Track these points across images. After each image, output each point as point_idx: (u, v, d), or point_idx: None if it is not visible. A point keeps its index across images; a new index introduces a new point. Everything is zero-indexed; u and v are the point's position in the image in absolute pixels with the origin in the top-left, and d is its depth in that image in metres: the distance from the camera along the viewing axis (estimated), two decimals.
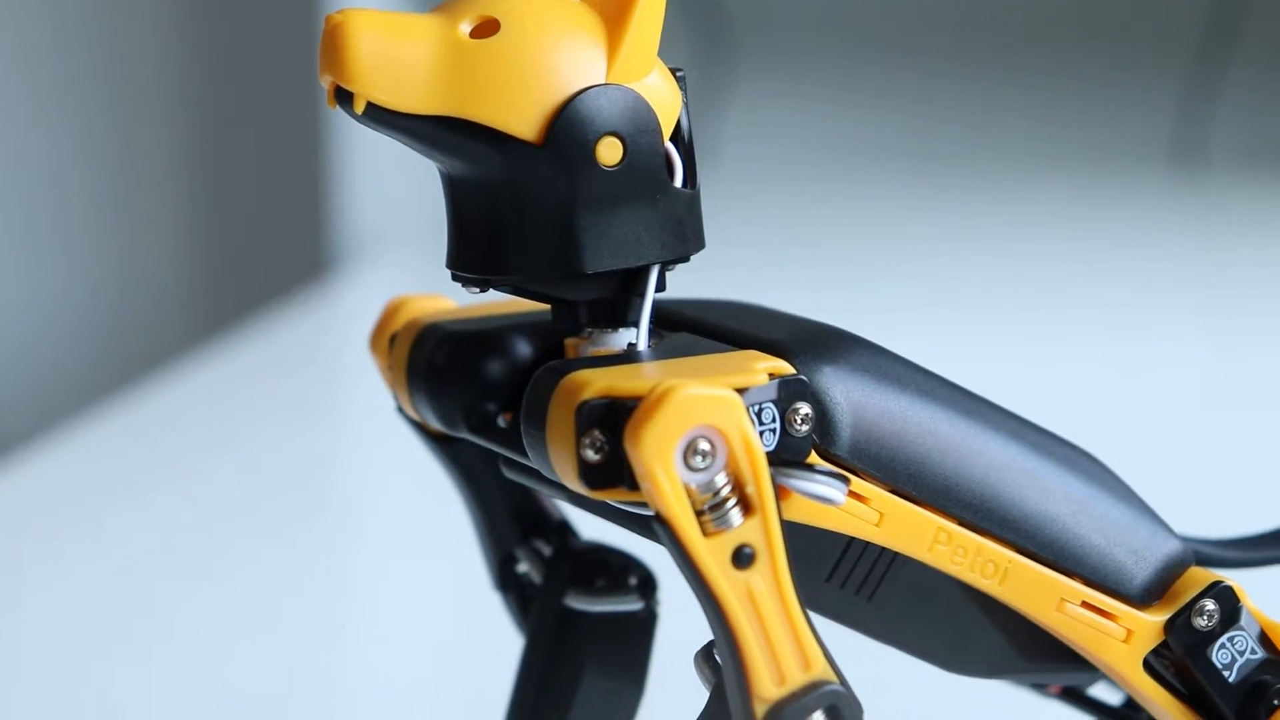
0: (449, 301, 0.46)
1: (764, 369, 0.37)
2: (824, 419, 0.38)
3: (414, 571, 0.80)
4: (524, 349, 0.43)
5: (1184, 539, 0.43)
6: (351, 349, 0.46)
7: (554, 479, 0.37)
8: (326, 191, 1.43)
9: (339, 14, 0.38)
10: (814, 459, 0.38)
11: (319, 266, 1.44)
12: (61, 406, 1.18)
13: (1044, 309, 1.31)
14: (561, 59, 0.38)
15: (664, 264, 0.40)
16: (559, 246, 0.38)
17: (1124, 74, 2.07)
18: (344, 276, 1.41)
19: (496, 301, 0.44)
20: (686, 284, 0.45)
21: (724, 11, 1.98)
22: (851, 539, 0.40)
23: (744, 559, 0.35)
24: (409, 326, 0.44)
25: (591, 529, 0.47)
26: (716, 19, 1.96)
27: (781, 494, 0.36)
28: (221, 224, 1.42)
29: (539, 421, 0.37)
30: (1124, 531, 0.41)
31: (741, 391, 0.36)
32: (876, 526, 0.39)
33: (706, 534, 0.35)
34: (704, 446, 0.35)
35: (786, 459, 0.37)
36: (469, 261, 0.40)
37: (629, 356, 0.39)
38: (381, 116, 0.38)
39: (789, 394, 0.37)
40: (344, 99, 0.38)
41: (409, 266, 1.38)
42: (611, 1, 0.39)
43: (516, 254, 0.39)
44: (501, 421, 0.43)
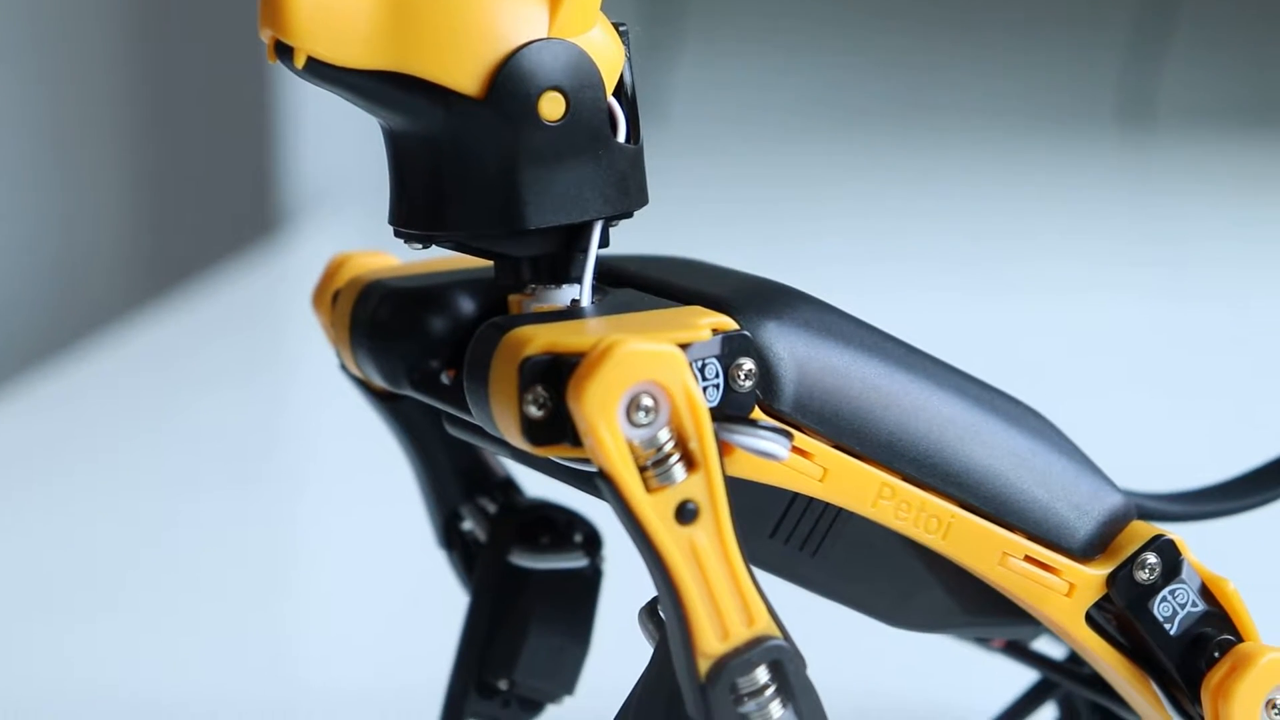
0: (392, 258, 0.46)
1: (707, 325, 0.37)
2: (767, 374, 0.38)
3: (360, 530, 0.80)
4: (467, 305, 0.43)
5: (1126, 493, 0.43)
6: (299, 308, 0.46)
7: (497, 435, 0.37)
8: (273, 149, 1.42)
9: None
10: (757, 414, 0.38)
11: (266, 225, 1.43)
12: (5, 367, 1.18)
13: (989, 265, 1.32)
14: (503, 13, 0.38)
15: (607, 220, 0.39)
16: (501, 202, 0.38)
17: (1070, 30, 2.08)
18: (291, 234, 1.40)
19: (440, 258, 0.44)
20: (633, 240, 0.44)
21: None
22: (795, 494, 0.40)
23: (687, 514, 0.35)
24: (352, 283, 0.44)
25: (536, 486, 0.47)
26: None
27: (725, 450, 0.36)
28: (167, 182, 1.41)
29: (482, 378, 0.37)
30: (1066, 486, 0.42)
31: (685, 347, 0.36)
32: (820, 482, 0.39)
33: (650, 489, 0.35)
34: (647, 402, 0.35)
35: (730, 414, 0.37)
36: (411, 217, 0.40)
37: (572, 313, 0.39)
38: (322, 71, 0.38)
39: (732, 350, 0.37)
40: (284, 54, 0.37)
41: (357, 224, 1.37)
42: None
43: (459, 210, 0.39)
44: (445, 378, 0.42)
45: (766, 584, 0.37)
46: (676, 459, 0.35)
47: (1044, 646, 0.49)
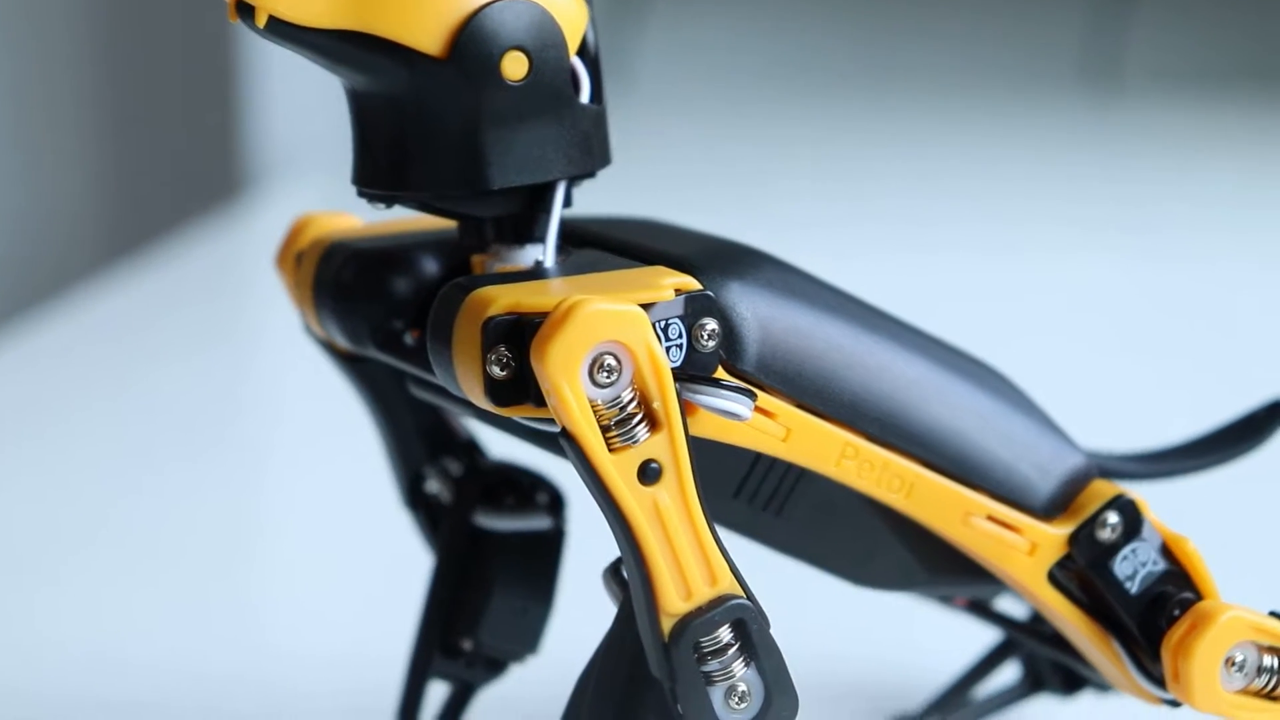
0: (356, 219, 0.46)
1: (670, 285, 0.37)
2: (731, 335, 0.38)
3: (325, 493, 0.79)
4: (431, 266, 0.43)
5: (1088, 453, 0.43)
6: (264, 271, 0.46)
7: (461, 396, 0.37)
8: (237, 110, 1.42)
9: None
10: (721, 374, 0.38)
11: (230, 187, 1.42)
12: None
13: (952, 227, 1.32)
14: None
15: (570, 180, 0.39)
16: (464, 162, 0.38)
17: None
18: (256, 197, 1.40)
19: (404, 219, 0.44)
20: (600, 202, 0.44)
21: None
22: (759, 454, 0.40)
23: (650, 474, 0.35)
24: (315, 244, 0.44)
25: (500, 448, 0.47)
26: None
27: (688, 409, 0.36)
28: (129, 145, 1.40)
29: (445, 338, 0.37)
30: (1028, 446, 0.42)
31: (647, 307, 0.36)
32: (783, 442, 0.39)
33: (612, 449, 0.35)
34: (610, 362, 0.35)
35: (693, 374, 0.37)
36: (375, 178, 0.39)
37: (535, 273, 0.39)
38: (284, 30, 0.37)
39: (695, 310, 0.37)
40: (245, 13, 0.37)
41: (322, 187, 1.37)
42: None
43: (422, 170, 0.39)
44: (408, 339, 0.42)
45: (731, 544, 0.37)
46: (639, 419, 0.35)
47: (1007, 606, 0.49)
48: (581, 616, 0.46)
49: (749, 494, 0.41)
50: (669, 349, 0.36)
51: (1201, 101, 1.80)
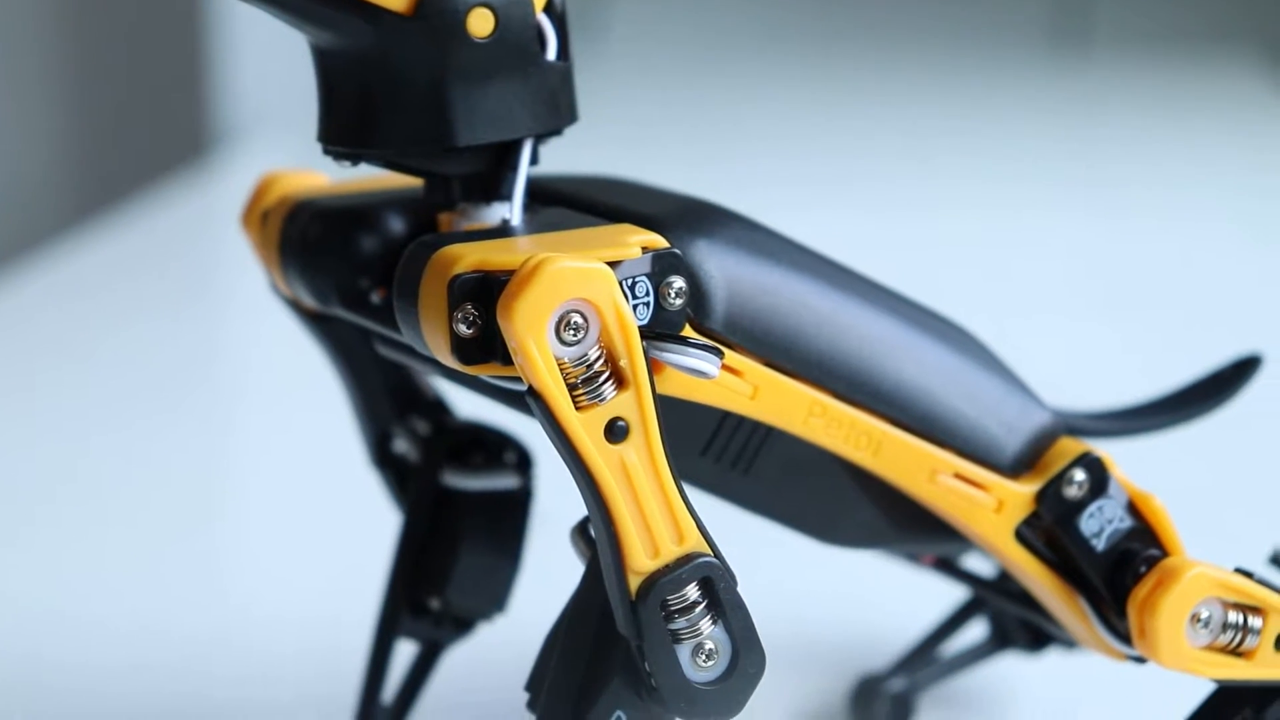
0: (322, 177, 0.45)
1: (638, 243, 0.37)
2: (698, 292, 0.38)
3: (293, 451, 0.79)
4: (397, 224, 0.42)
5: (1055, 411, 0.43)
6: (233, 230, 0.46)
7: (427, 355, 0.37)
8: (206, 69, 1.41)
9: None
10: (688, 332, 0.38)
11: (200, 146, 1.41)
12: None
13: (922, 186, 1.32)
14: None
15: (537, 137, 0.39)
16: (430, 119, 0.38)
17: None
18: (225, 156, 1.39)
19: (370, 177, 0.44)
20: (571, 161, 0.44)
21: None
22: (726, 413, 0.40)
23: (617, 432, 0.35)
24: (281, 202, 0.44)
25: (468, 407, 0.47)
26: None
27: (655, 368, 0.36)
28: (97, 104, 1.40)
29: (411, 296, 0.37)
30: (995, 404, 0.42)
31: (614, 265, 0.36)
32: (751, 400, 0.39)
33: (579, 407, 0.35)
34: (577, 320, 0.35)
35: (660, 332, 0.37)
36: (341, 135, 0.39)
37: (502, 231, 0.39)
38: None
39: (662, 267, 0.37)
40: None
41: (292, 145, 1.36)
42: None
43: (388, 127, 0.38)
44: (375, 298, 0.42)
45: (699, 503, 0.37)
46: (606, 377, 0.35)
47: (974, 564, 0.49)
48: (549, 575, 0.46)
49: (716, 452, 0.41)
50: (636, 307, 0.36)
51: (1170, 62, 1.80)
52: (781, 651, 0.40)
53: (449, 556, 0.46)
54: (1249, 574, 0.42)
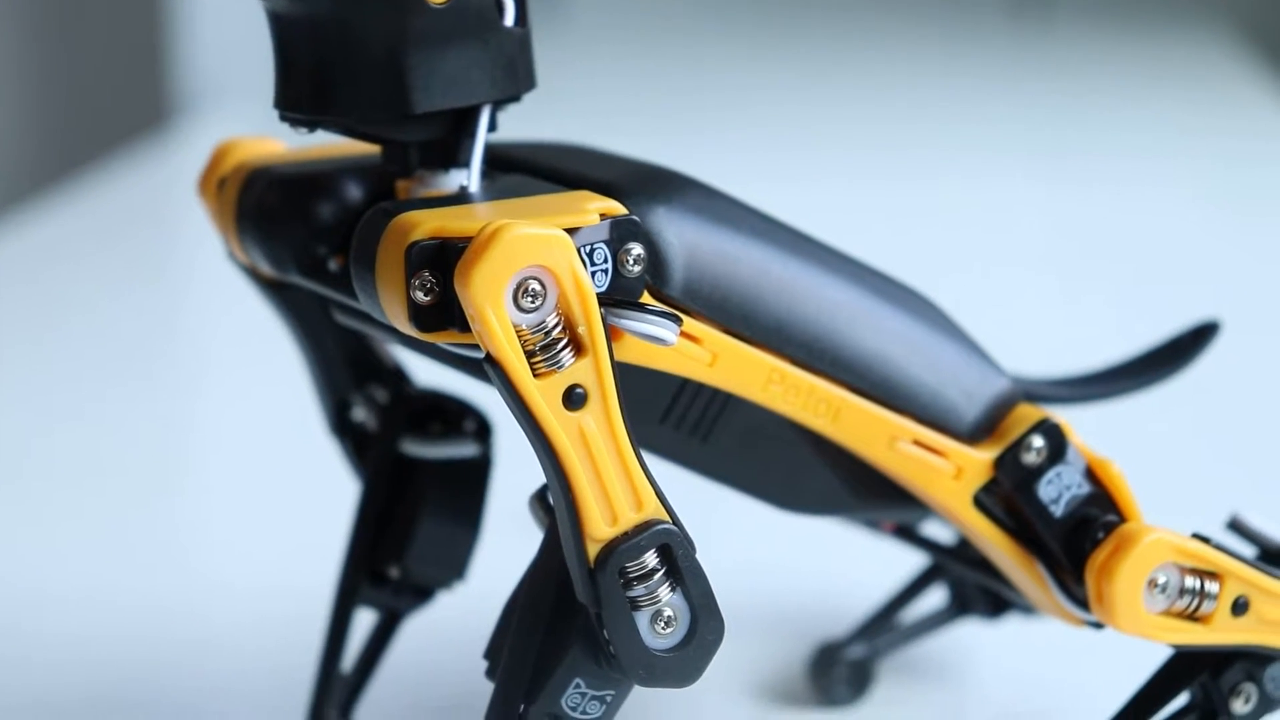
0: (280, 144, 0.45)
1: (596, 209, 0.37)
2: (656, 259, 0.38)
3: (252, 419, 0.79)
4: (355, 191, 0.42)
5: (1014, 378, 0.43)
6: (194, 198, 0.45)
7: (385, 322, 0.37)
8: (166, 37, 1.40)
9: None
10: (647, 299, 0.37)
11: (160, 115, 1.41)
12: None
13: (882, 154, 1.32)
14: None
15: (495, 104, 0.39)
16: (388, 86, 0.38)
17: None
18: (185, 124, 1.38)
19: (328, 144, 0.43)
20: (533, 130, 0.44)
21: None
22: (685, 380, 0.40)
23: (576, 399, 0.35)
24: (238, 170, 0.44)
25: (427, 375, 0.47)
26: None
27: (614, 335, 0.36)
28: (58, 73, 1.39)
29: (368, 263, 0.36)
30: (954, 370, 0.42)
31: (572, 232, 0.36)
32: (709, 367, 0.39)
33: (537, 374, 0.35)
34: (535, 287, 0.35)
35: (618, 299, 0.37)
36: (297, 101, 0.39)
37: (460, 198, 0.39)
38: None
39: (621, 234, 0.37)
40: None
41: (253, 114, 1.35)
42: None
43: (345, 94, 0.38)
44: (333, 265, 0.42)
45: (657, 470, 0.37)
46: (564, 344, 0.35)
47: (933, 531, 0.50)
48: (508, 543, 0.46)
49: (675, 419, 0.41)
50: (594, 274, 0.36)
51: (1131, 29, 1.81)
52: (740, 619, 0.40)
53: (408, 525, 0.46)
54: (1206, 539, 0.42)
